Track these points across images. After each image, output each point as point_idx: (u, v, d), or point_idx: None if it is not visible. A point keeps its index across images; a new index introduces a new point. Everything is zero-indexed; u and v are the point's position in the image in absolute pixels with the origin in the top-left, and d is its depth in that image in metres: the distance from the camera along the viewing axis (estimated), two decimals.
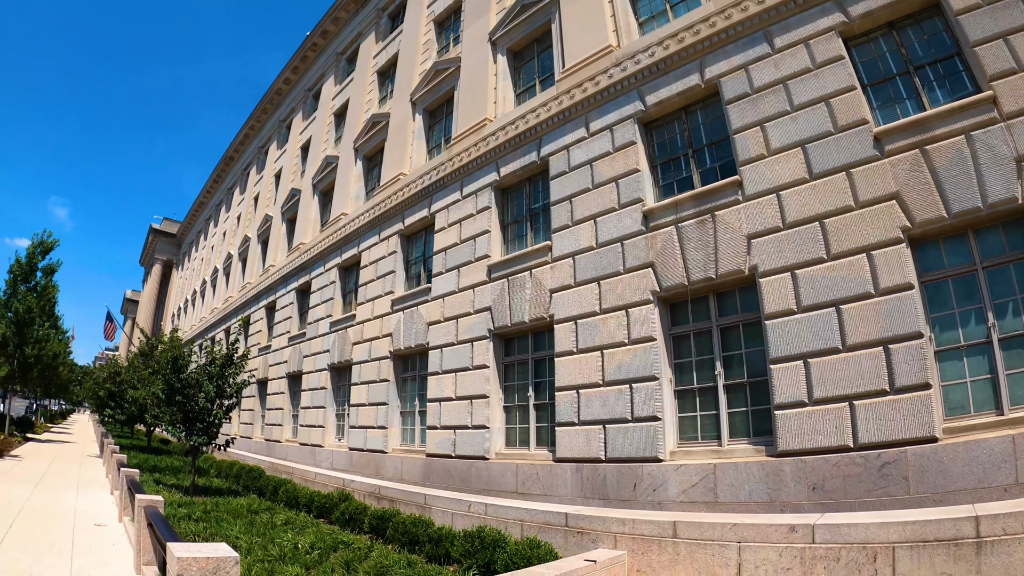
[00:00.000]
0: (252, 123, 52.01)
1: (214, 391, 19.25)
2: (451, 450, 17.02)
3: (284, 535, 12.58)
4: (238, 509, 15.80)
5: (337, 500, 16.33)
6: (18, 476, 19.23)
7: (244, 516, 14.87)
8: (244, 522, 13.82)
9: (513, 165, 17.69)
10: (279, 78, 44.94)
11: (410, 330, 20.10)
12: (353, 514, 15.15)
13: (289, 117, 44.23)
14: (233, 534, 12.03)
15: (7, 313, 29.29)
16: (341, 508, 15.65)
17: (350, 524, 15.07)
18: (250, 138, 53.97)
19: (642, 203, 13.88)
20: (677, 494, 11.61)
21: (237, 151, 57.52)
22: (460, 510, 14.11)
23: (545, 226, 16.66)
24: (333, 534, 13.42)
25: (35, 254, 30.51)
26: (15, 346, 29.50)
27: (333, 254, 27.45)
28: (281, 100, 46.52)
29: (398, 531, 13.19)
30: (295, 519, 15.39)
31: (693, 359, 12.79)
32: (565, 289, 15.00)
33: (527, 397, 15.94)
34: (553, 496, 13.80)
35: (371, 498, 17.19)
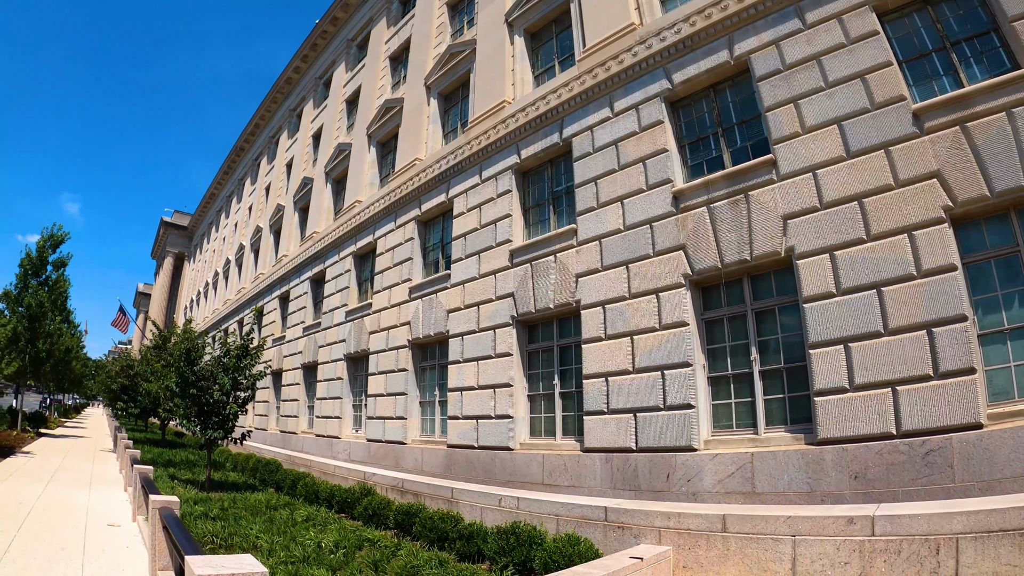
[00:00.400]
0: (262, 113, 51.62)
1: (229, 384, 18.67)
2: (474, 441, 16.64)
3: (306, 533, 12.08)
4: (256, 505, 15.33)
5: (359, 495, 15.78)
6: (30, 473, 18.76)
7: (263, 513, 14.42)
8: (263, 520, 13.38)
9: (534, 147, 17.22)
10: (289, 67, 44.50)
11: (429, 318, 19.71)
12: (377, 509, 14.56)
13: (300, 106, 43.83)
14: (253, 533, 11.55)
15: (18, 308, 28.98)
16: (364, 503, 15.05)
17: (374, 520, 14.50)
18: (260, 128, 53.59)
19: (671, 184, 13.47)
20: (712, 484, 11.24)
21: (247, 142, 57.18)
22: (490, 504, 13.60)
23: (569, 209, 16.21)
24: (357, 531, 12.99)
25: (45, 248, 30.12)
26: (27, 341, 29.13)
27: (348, 242, 27.09)
28: (291, 89, 46.09)
29: (425, 527, 12.59)
30: (316, 515, 14.87)
31: (727, 344, 12.41)
32: (592, 273, 14.57)
33: (552, 385, 15.53)
34: (581, 487, 13.44)
35: (394, 492, 16.73)
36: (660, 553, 9.10)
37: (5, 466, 19.68)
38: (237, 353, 19.07)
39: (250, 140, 56.68)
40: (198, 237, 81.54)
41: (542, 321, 16.17)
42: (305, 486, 18.10)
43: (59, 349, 33.06)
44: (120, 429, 28.64)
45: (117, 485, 17.51)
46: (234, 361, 18.94)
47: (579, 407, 14.57)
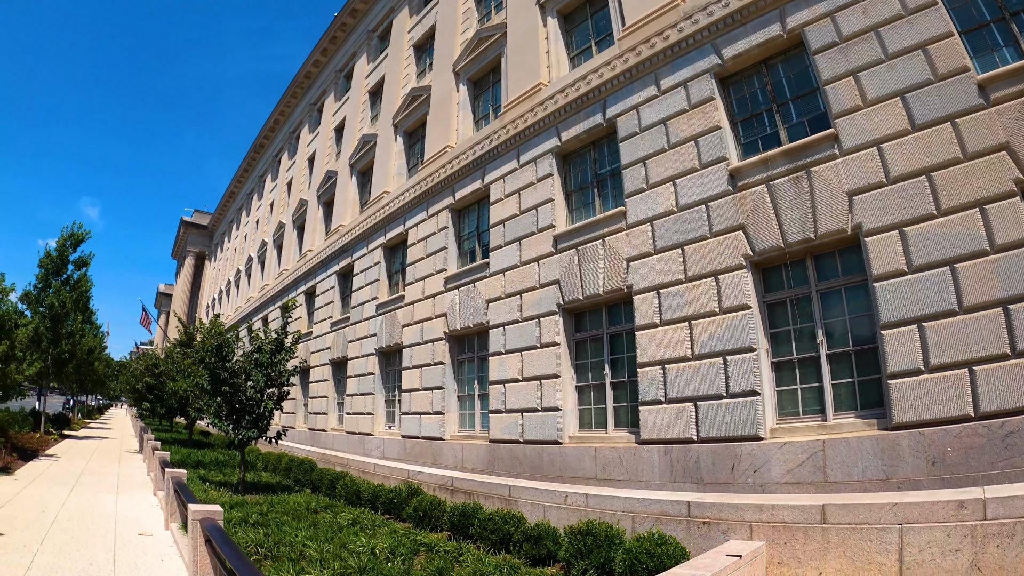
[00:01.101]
0: (281, 108, 51.39)
1: (263, 380, 17.83)
2: (519, 435, 16.05)
3: (355, 539, 11.34)
4: (296, 509, 14.64)
5: (406, 495, 15.03)
6: (54, 477, 18.12)
7: (305, 517, 13.68)
8: (306, 524, 12.69)
9: (576, 129, 16.61)
10: (308, 61, 44.21)
11: (467, 309, 19.14)
12: (427, 510, 13.77)
13: (320, 100, 43.49)
14: (299, 540, 10.83)
15: (40, 308, 28.64)
16: (413, 504, 14.24)
17: (425, 522, 13.72)
18: (280, 124, 53.37)
19: (726, 162, 12.94)
20: (781, 475, 10.75)
21: (267, 138, 56.99)
22: (554, 502, 12.83)
23: (615, 191, 15.64)
24: (409, 535, 12.27)
25: (65, 246, 29.76)
26: (49, 341, 28.77)
27: (377, 234, 26.54)
28: (311, 83, 45.79)
29: (486, 529, 11.74)
30: (362, 518, 14.15)
31: (791, 328, 11.87)
32: (644, 257, 13.98)
33: (603, 375, 14.91)
34: (638, 482, 12.86)
35: (443, 491, 16.05)
36: (755, 549, 8.46)
37: (28, 470, 19.16)
38: (271, 348, 18.27)
39: (269, 137, 56.49)
40: (218, 236, 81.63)
41: (590, 308, 15.55)
42: (345, 486, 17.29)
43: (81, 350, 32.85)
44: (146, 430, 28.05)
45: (145, 489, 16.98)
46: (268, 356, 18.09)
47: (632, 397, 14.03)
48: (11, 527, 11.11)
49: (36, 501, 13.96)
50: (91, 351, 39.47)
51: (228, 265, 68.30)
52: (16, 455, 20.95)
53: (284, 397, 18.85)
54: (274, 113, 52.87)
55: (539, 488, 13.31)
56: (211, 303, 72.13)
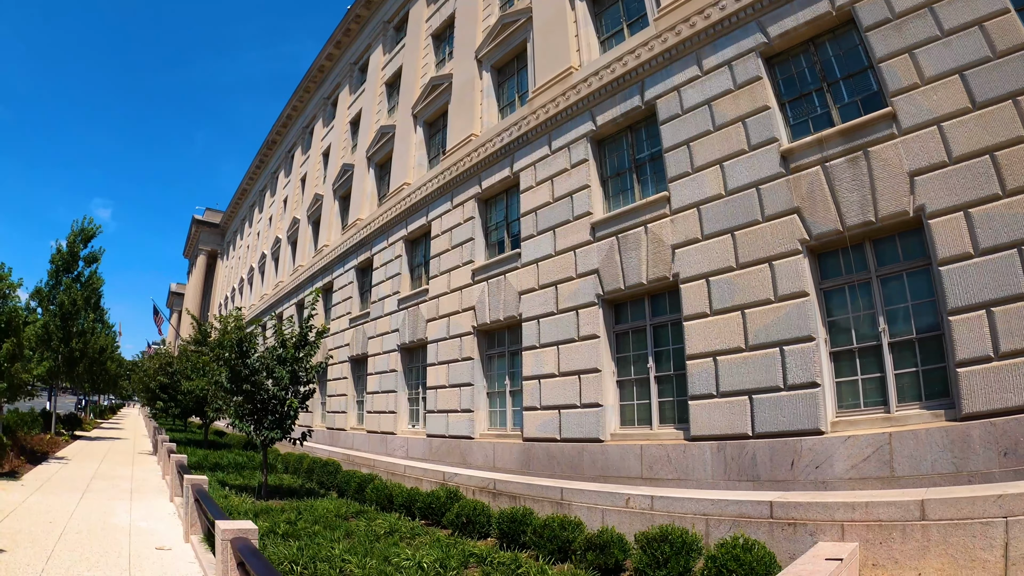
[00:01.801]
0: (294, 104, 50.95)
1: (288, 377, 16.77)
2: (555, 433, 15.37)
3: (396, 550, 10.36)
4: (325, 515, 13.58)
5: (445, 499, 13.93)
6: (63, 482, 17.14)
7: (337, 526, 12.58)
8: (340, 534, 11.71)
9: (612, 112, 15.93)
10: (321, 55, 43.77)
11: (497, 301, 18.46)
12: (471, 516, 12.58)
13: (334, 93, 43.00)
14: (336, 554, 9.80)
15: (50, 306, 27.96)
16: (455, 510, 12.99)
17: (468, 529, 12.52)
18: (293, 119, 52.92)
19: (777, 143, 12.35)
20: (845, 470, 10.22)
21: (279, 134, 56.59)
22: (614, 505, 11.70)
23: (656, 176, 15.00)
24: (455, 544, 11.23)
25: (76, 242, 28.99)
26: (59, 340, 28.16)
27: (397, 226, 25.91)
28: (324, 77, 45.34)
29: (541, 537, 10.59)
30: (398, 526, 13.04)
31: (850, 316, 11.25)
32: (691, 244, 13.33)
33: (646, 368, 14.22)
34: (689, 480, 12.24)
35: (484, 494, 14.86)
36: (851, 551, 7.72)
37: (36, 475, 18.28)
38: (295, 343, 17.27)
39: (282, 133, 56.12)
40: (231, 234, 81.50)
41: (632, 299, 14.87)
42: (375, 490, 16.05)
43: (93, 348, 32.23)
44: (160, 430, 27.39)
45: (161, 494, 16.11)
46: (292, 352, 17.06)
47: (679, 391, 13.41)
48: (14, 543, 10.14)
49: (43, 511, 13.01)
50: (103, 350, 38.95)
51: (241, 263, 68.07)
52: (24, 458, 20.19)
53: (309, 395, 17.93)
54: (286, 109, 52.44)
55: (595, 490, 12.36)
56: (223, 301, 71.84)
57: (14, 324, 19.29)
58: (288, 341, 17.23)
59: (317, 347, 17.51)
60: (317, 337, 17.72)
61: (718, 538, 9.24)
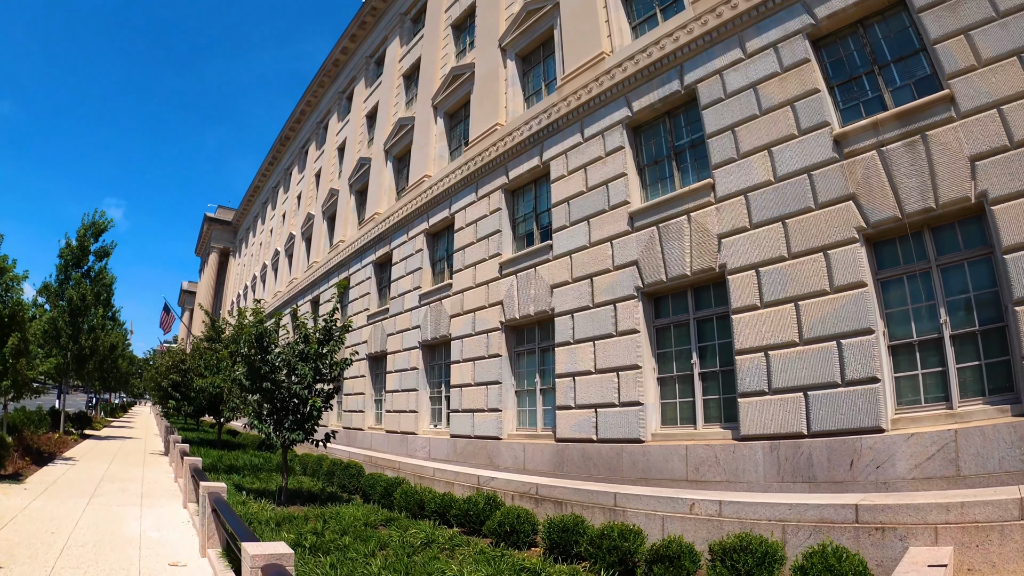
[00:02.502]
0: (308, 99, 50.59)
1: (311, 374, 15.83)
2: (591, 433, 14.72)
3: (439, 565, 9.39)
4: (354, 524, 12.56)
5: (484, 506, 12.92)
6: (69, 485, 16.17)
7: (367, 536, 11.53)
8: (373, 546, 10.69)
9: (649, 98, 15.32)
10: (336, 49, 43.36)
11: (527, 295, 17.81)
12: (515, 525, 11.49)
13: (350, 87, 42.58)
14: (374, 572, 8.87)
15: (59, 301, 27.23)
16: (496, 517, 11.90)
17: (511, 539, 11.44)
18: (306, 115, 52.59)
19: (829, 127, 11.78)
20: (908, 469, 9.66)
21: (292, 130, 56.29)
22: (675, 511, 10.90)
23: (697, 163, 14.39)
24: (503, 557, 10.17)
25: (86, 236, 28.21)
26: (68, 336, 27.25)
27: (418, 220, 25.32)
28: (339, 72, 44.91)
29: (599, 547, 9.62)
30: (434, 535, 11.91)
31: (909, 307, 10.71)
32: (738, 233, 12.69)
33: (690, 365, 13.58)
34: (738, 483, 11.59)
35: (526, 500, 13.99)
36: (947, 556, 7.04)
37: (41, 477, 17.38)
38: (320, 337, 16.34)
39: (295, 129, 55.81)
40: (243, 231, 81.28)
41: (674, 291, 14.21)
42: (405, 496, 15.15)
43: (103, 346, 31.39)
44: (172, 430, 26.50)
45: (173, 498, 15.31)
46: (315, 347, 16.10)
47: (726, 388, 12.81)
48: (11, 557, 9.21)
49: (46, 518, 12.08)
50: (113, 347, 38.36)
51: (253, 260, 67.79)
52: (30, 459, 19.37)
53: (334, 394, 17.07)
54: (300, 104, 52.07)
55: (654, 495, 11.53)
56: (236, 299, 71.51)
57: (19, 318, 18.50)
58: (311, 336, 16.37)
59: (342, 343, 16.70)
60: (342, 332, 16.86)
61: (798, 546, 8.64)
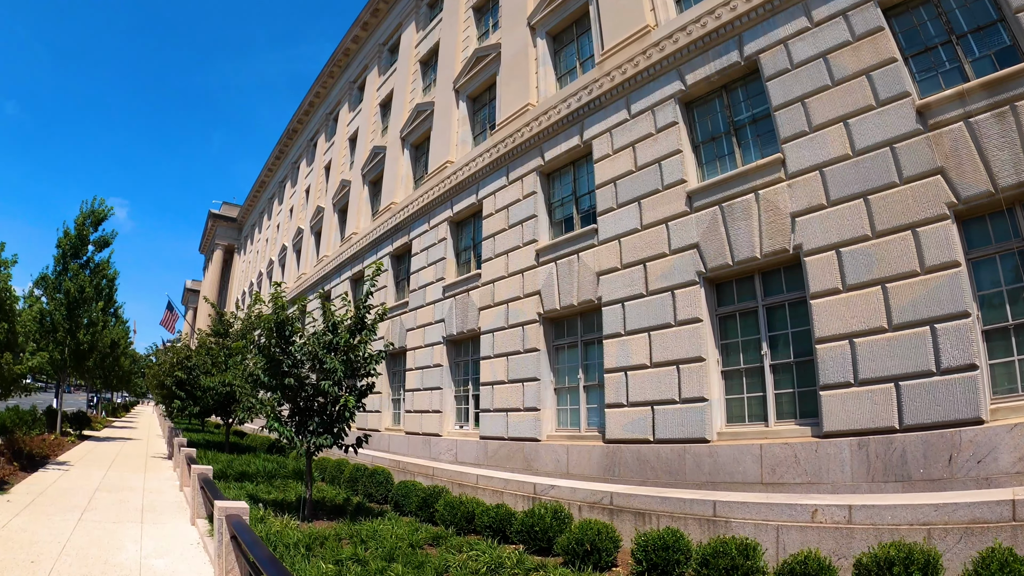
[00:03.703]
0: (317, 90, 49.80)
1: (342, 369, 13.96)
2: (647, 433, 13.67)
3: None
4: (398, 546, 10.88)
5: (551, 520, 11.45)
6: (59, 497, 14.34)
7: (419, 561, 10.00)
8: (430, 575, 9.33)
9: (704, 70, 14.35)
10: (346, 37, 42.56)
11: (568, 284, 16.75)
12: (595, 541, 10.06)
13: (361, 76, 41.78)
14: None
15: (56, 294, 25.79)
16: (571, 534, 10.33)
17: (591, 558, 10.08)
18: (315, 106, 51.80)
19: (911, 97, 10.94)
20: (1012, 463, 8.86)
21: (300, 122, 55.53)
22: (792, 520, 9.80)
23: (761, 138, 13.43)
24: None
25: (85, 225, 26.62)
26: (66, 331, 25.88)
27: (440, 208, 24.30)
28: (350, 61, 44.12)
29: (715, 568, 8.53)
30: (498, 557, 10.30)
31: (1003, 289, 9.96)
32: (814, 211, 11.73)
33: (760, 356, 12.56)
34: (822, 484, 10.60)
35: (598, 511, 12.73)
36: None
37: (29, 486, 15.53)
38: (353, 326, 14.61)
39: (303, 121, 55.07)
40: (248, 228, 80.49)
41: (739, 277, 13.19)
42: (449, 508, 13.64)
43: (104, 342, 30.27)
44: (176, 432, 24.73)
45: (179, 513, 13.60)
46: (346, 337, 14.35)
47: (802, 381, 11.88)
48: None
49: (26, 541, 10.12)
50: (115, 344, 37.14)
51: (259, 257, 66.90)
52: (18, 464, 17.72)
53: (368, 391, 15.23)
54: (308, 96, 51.31)
55: (766, 502, 10.26)
56: (241, 296, 70.52)
57: (6, 306, 17.29)
58: (340, 324, 14.74)
59: (375, 332, 15.07)
60: (376, 319, 15.22)
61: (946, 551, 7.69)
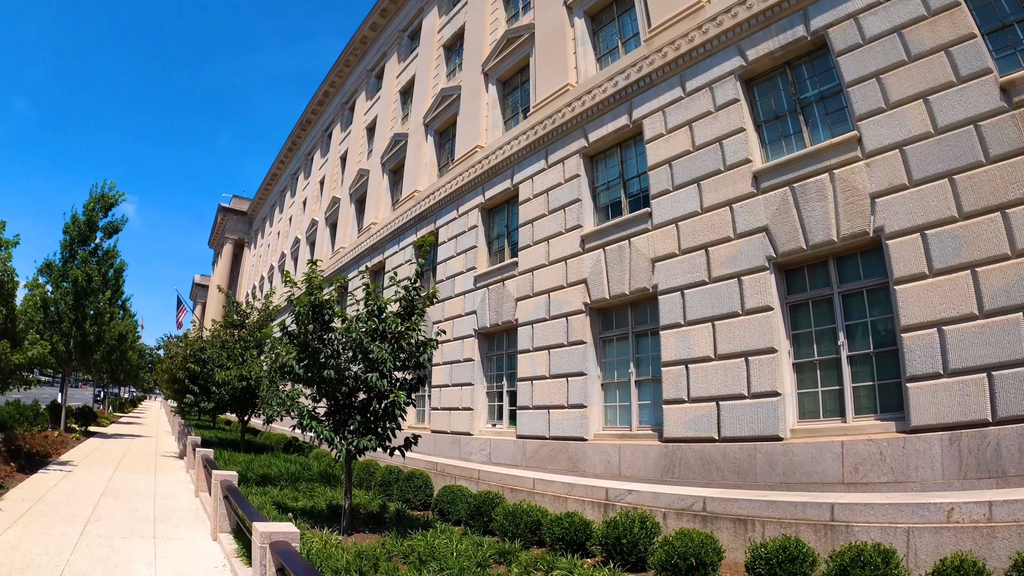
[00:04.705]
0: (332, 79, 49.45)
1: (390, 359, 12.02)
2: (712, 431, 13.05)
3: None
4: (466, 567, 9.36)
5: (638, 530, 10.06)
6: (59, 504, 12.53)
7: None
8: None
9: (768, 44, 13.74)
10: (364, 25, 42.11)
11: (619, 271, 16.09)
12: (699, 555, 8.86)
13: (380, 63, 41.25)
14: None
15: (63, 283, 24.55)
16: (668, 545, 9.19)
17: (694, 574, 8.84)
18: (330, 96, 51.40)
19: (993, 74, 10.61)
20: None
21: (314, 113, 55.21)
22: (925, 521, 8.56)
23: (831, 117, 12.96)
24: None
25: (94, 211, 25.40)
26: (71, 322, 24.68)
27: (470, 194, 23.71)
28: (367, 49, 43.65)
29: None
30: None
31: None
32: (895, 191, 11.23)
33: (835, 347, 11.97)
34: (910, 482, 10.05)
35: (687, 518, 11.15)
36: None
37: (26, 490, 13.76)
38: (405, 309, 12.72)
39: (317, 111, 54.78)
40: (259, 221, 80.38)
41: (812, 262, 12.58)
42: (510, 518, 11.87)
43: (111, 334, 29.09)
44: (189, 430, 23.73)
45: (197, 524, 11.87)
46: (396, 323, 12.36)
47: (881, 373, 11.37)
48: None
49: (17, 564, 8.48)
50: (123, 337, 36.25)
51: (270, 250, 66.64)
52: (16, 464, 16.04)
53: (419, 385, 13.20)
54: (323, 85, 50.95)
55: (890, 503, 9.06)
56: (251, 291, 70.12)
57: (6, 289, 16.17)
58: (385, 306, 12.74)
59: (423, 318, 13.12)
60: (424, 303, 13.21)
61: None
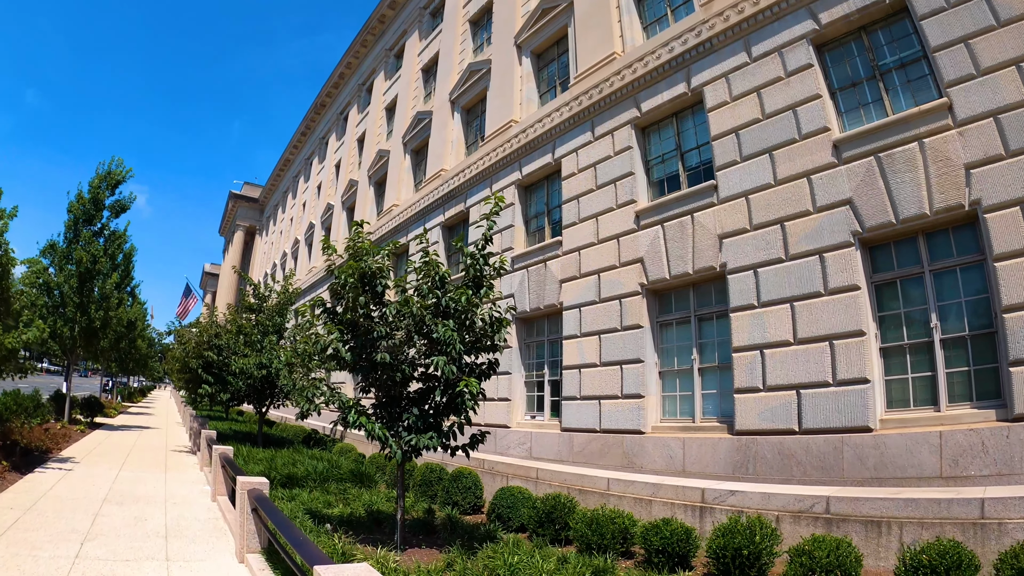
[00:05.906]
0: (348, 60, 49.13)
1: (458, 341, 10.19)
2: (791, 422, 12.38)
3: None
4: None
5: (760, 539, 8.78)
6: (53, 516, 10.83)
7: None
8: None
9: (842, 7, 13.00)
10: (382, 4, 41.81)
11: (680, 249, 15.37)
12: (845, 568, 7.86)
13: (399, 42, 40.83)
14: None
15: (67, 265, 23.83)
16: (806, 556, 8.12)
17: None
18: (346, 78, 51.03)
19: None
20: None
21: (329, 95, 54.86)
22: None
23: (912, 84, 12.33)
24: None
25: (100, 188, 24.65)
26: (76, 306, 23.82)
27: (505, 170, 23.00)
28: (385, 28, 43.25)
29: None
30: None
31: None
32: (992, 162, 10.58)
33: (927, 330, 11.33)
34: (1015, 475, 9.47)
35: (805, 522, 10.06)
36: None
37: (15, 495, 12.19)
38: (472, 282, 10.87)
39: (332, 94, 54.44)
40: (271, 208, 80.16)
41: (900, 238, 11.90)
42: (592, 526, 10.46)
43: (119, 321, 28.38)
44: (203, 423, 22.86)
45: (217, 540, 10.27)
46: (467, 294, 10.34)
47: (977, 358, 10.76)
48: None
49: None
50: (132, 324, 35.51)
51: (283, 237, 66.41)
52: (9, 463, 14.56)
53: (491, 371, 11.19)
54: (339, 67, 50.56)
55: None
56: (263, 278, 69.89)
57: None
58: (447, 277, 10.90)
59: (492, 290, 11.25)
60: (492, 274, 11.29)
61: None
